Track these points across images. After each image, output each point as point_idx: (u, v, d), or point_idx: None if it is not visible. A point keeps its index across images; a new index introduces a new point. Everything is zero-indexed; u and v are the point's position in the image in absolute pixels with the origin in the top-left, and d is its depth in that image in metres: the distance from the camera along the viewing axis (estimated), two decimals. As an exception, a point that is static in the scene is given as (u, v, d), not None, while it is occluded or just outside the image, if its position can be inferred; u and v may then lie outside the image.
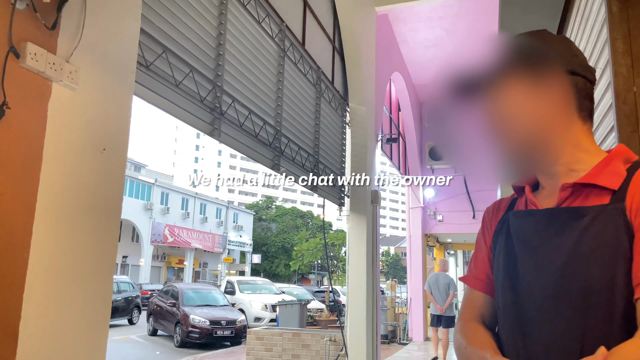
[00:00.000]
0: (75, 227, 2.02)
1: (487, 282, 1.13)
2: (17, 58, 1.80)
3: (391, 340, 12.05)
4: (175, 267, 41.40)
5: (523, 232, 1.03)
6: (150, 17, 2.91)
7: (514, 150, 1.01)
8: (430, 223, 12.90)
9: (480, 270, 1.16)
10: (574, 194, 0.98)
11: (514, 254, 1.03)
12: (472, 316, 1.13)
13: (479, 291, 1.15)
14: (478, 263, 1.17)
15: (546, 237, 0.98)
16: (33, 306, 1.83)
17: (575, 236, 0.93)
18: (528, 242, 1.01)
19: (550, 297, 0.94)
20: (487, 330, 1.08)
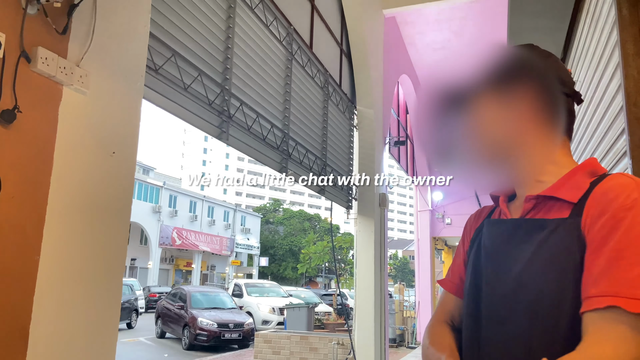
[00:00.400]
0: (85, 229, 2.04)
1: (460, 285, 1.17)
2: (29, 62, 1.82)
3: (399, 344, 12.00)
4: (183, 269, 41.53)
5: (491, 240, 1.07)
6: (159, 22, 2.93)
7: (486, 161, 1.03)
8: (438, 226, 12.85)
9: (455, 274, 1.20)
10: (537, 206, 1.02)
11: (480, 262, 1.07)
12: (441, 318, 1.17)
13: (450, 293, 1.19)
14: (454, 267, 1.22)
15: (509, 247, 1.02)
16: (43, 308, 1.85)
17: (533, 247, 0.96)
18: (493, 250, 1.05)
19: (505, 303, 0.97)
20: (451, 332, 1.11)
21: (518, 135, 1.02)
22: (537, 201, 1.01)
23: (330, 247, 35.67)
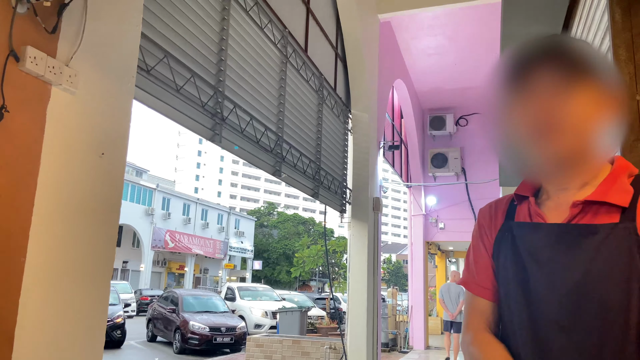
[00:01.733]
0: (72, 231, 2.01)
1: (493, 290, 1.12)
2: (17, 61, 1.80)
3: (392, 348, 11.97)
4: (175, 272, 41.33)
5: (532, 245, 1.03)
6: (151, 22, 2.91)
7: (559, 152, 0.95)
8: (432, 231, 12.86)
9: (484, 278, 1.14)
10: (583, 210, 0.99)
11: (523, 267, 1.03)
12: (482, 326, 1.12)
13: (485, 299, 1.13)
14: (480, 270, 1.15)
15: (556, 253, 0.98)
16: (29, 311, 1.82)
17: (589, 254, 0.94)
18: (537, 257, 1.01)
19: (566, 313, 0.95)
20: (500, 343, 1.07)
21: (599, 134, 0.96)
22: (583, 205, 0.98)
23: (323, 251, 35.62)
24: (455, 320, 9.81)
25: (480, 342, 1.09)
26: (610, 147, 0.99)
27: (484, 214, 1.19)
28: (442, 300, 10.09)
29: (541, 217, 1.04)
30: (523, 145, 0.98)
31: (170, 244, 36.71)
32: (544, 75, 0.96)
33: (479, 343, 1.09)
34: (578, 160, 0.98)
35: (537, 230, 1.03)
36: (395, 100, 11.26)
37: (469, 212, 12.38)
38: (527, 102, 0.97)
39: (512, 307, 1.05)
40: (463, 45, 9.44)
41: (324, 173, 5.95)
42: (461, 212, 12.50)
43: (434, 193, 12.84)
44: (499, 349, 1.05)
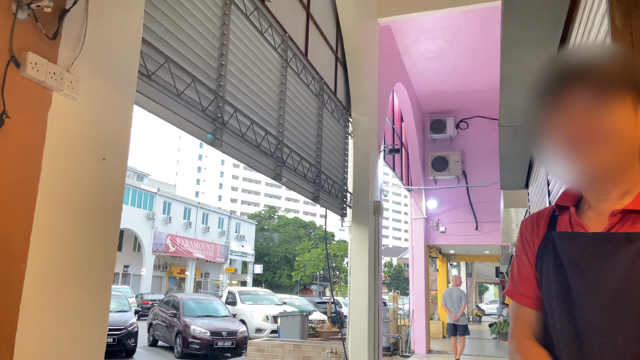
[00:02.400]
0: (73, 236, 2.01)
1: (537, 298, 1.16)
2: (18, 67, 1.80)
3: (393, 352, 11.94)
4: (176, 277, 41.29)
5: (573, 254, 1.07)
6: (152, 27, 2.92)
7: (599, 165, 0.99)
8: (433, 234, 12.85)
9: (528, 287, 1.18)
10: (622, 219, 1.03)
11: (564, 275, 1.07)
12: (526, 334, 1.16)
13: (529, 308, 1.17)
14: (524, 279, 1.19)
15: (597, 260, 1.03)
16: (30, 316, 1.81)
17: (628, 261, 0.98)
18: (578, 264, 1.05)
19: (607, 317, 0.99)
20: (543, 349, 1.11)
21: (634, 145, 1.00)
22: (622, 214, 1.02)
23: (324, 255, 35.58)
24: (459, 323, 10.14)
25: (524, 349, 1.13)
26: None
27: (526, 225, 1.23)
28: (445, 305, 10.42)
29: (582, 226, 1.09)
30: (565, 159, 1.02)
31: (171, 248, 36.69)
32: (579, 91, 1.00)
33: (523, 350, 1.13)
34: (617, 171, 1.01)
35: (578, 239, 1.08)
36: (396, 103, 11.27)
37: (470, 216, 12.37)
38: (566, 118, 1.01)
39: (555, 314, 1.09)
40: (463, 49, 9.46)
41: (324, 177, 5.95)
42: (462, 215, 12.49)
43: (435, 196, 12.83)
44: (542, 355, 1.10)
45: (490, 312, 34.08)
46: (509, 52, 2.89)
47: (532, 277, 1.17)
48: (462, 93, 11.52)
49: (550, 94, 1.04)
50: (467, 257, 18.56)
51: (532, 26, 2.62)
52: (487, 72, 10.13)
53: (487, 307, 37.00)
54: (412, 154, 12.38)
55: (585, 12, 2.38)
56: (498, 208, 11.01)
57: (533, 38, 2.72)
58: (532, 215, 1.24)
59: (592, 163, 0.98)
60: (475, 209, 12.30)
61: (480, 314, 29.86)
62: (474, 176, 12.34)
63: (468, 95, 11.59)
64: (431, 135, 12.50)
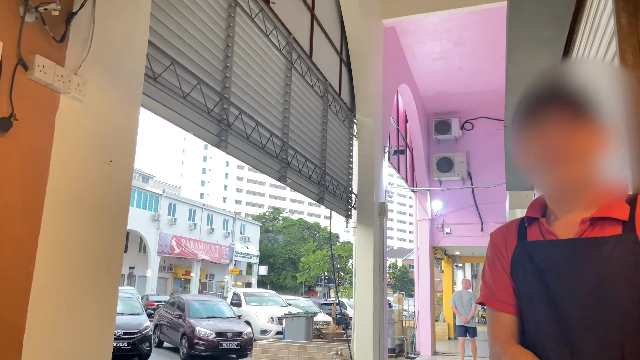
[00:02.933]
0: (81, 238, 2.02)
1: (513, 305, 1.25)
2: (26, 70, 1.81)
3: (399, 354, 11.91)
4: (182, 278, 41.37)
5: (549, 259, 1.17)
6: (158, 30, 2.94)
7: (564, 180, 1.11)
8: (438, 235, 12.81)
9: (505, 294, 1.26)
10: (591, 225, 1.14)
11: (543, 279, 1.17)
12: (507, 338, 1.24)
13: (508, 314, 1.26)
14: (501, 287, 1.28)
15: (573, 263, 1.13)
16: (38, 317, 1.82)
17: (601, 262, 1.10)
18: (556, 268, 1.15)
19: (589, 313, 1.10)
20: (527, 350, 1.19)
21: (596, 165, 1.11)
22: (591, 221, 1.14)
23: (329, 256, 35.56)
24: (469, 325, 10.41)
25: (511, 351, 1.21)
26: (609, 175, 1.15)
27: (497, 237, 1.33)
28: (455, 307, 10.64)
29: (553, 234, 1.19)
30: (537, 174, 1.15)
31: (177, 250, 36.77)
32: (551, 114, 1.12)
33: (510, 352, 1.21)
34: (582, 186, 1.14)
35: (552, 246, 1.18)
36: (400, 104, 11.26)
37: (476, 217, 12.33)
38: (537, 137, 1.13)
39: (538, 315, 1.18)
40: (468, 49, 9.44)
41: (329, 178, 5.95)
42: (467, 216, 12.45)
43: (440, 197, 12.80)
44: (529, 355, 1.17)
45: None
46: (514, 53, 2.89)
47: (508, 285, 1.26)
48: (467, 94, 11.50)
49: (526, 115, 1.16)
50: (472, 259, 18.50)
51: (537, 27, 2.62)
52: (492, 73, 10.11)
53: (492, 309, 36.81)
54: (416, 155, 12.36)
55: (591, 13, 2.37)
56: (503, 209, 10.97)
57: (539, 38, 2.72)
58: (501, 228, 1.34)
59: (560, 178, 1.11)
60: (480, 210, 12.27)
61: (485, 315, 29.75)
62: (479, 177, 12.31)
63: (473, 96, 11.56)
64: (436, 136, 12.48)
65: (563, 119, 1.10)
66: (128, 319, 10.94)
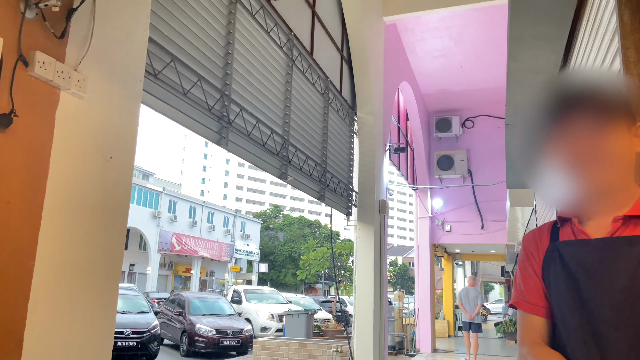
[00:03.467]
0: (81, 235, 2.02)
1: (543, 307, 1.24)
2: (26, 66, 1.81)
3: (399, 351, 11.93)
4: (182, 275, 41.40)
5: (579, 258, 1.16)
6: (159, 27, 2.93)
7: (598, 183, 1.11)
8: (438, 233, 12.82)
9: (535, 297, 1.26)
10: (624, 224, 1.14)
11: (574, 279, 1.16)
12: (536, 339, 1.23)
13: (538, 316, 1.25)
14: (531, 289, 1.27)
15: (604, 263, 1.12)
16: (38, 314, 1.82)
17: (633, 261, 1.09)
18: (587, 268, 1.14)
19: (619, 314, 1.08)
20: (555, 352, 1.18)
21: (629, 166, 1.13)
22: (623, 220, 1.13)
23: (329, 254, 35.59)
24: (474, 321, 10.68)
25: (537, 353, 1.20)
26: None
27: (528, 240, 1.32)
28: (461, 303, 10.88)
29: (585, 234, 1.18)
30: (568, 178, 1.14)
31: (177, 247, 36.80)
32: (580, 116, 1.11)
33: (537, 354, 1.20)
34: (616, 187, 1.14)
35: (584, 245, 1.17)
36: (401, 102, 11.25)
37: (476, 215, 12.33)
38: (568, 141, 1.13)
39: (567, 315, 1.17)
40: (469, 47, 9.42)
41: (329, 176, 5.94)
42: (468, 214, 12.45)
43: (440, 195, 12.80)
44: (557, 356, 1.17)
45: (496, 312, 33.98)
46: (516, 50, 2.88)
47: (539, 287, 1.25)
48: (468, 91, 11.48)
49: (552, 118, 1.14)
50: (472, 257, 18.51)
51: (539, 24, 2.61)
52: (494, 71, 10.09)
53: (492, 307, 36.87)
54: (417, 153, 12.35)
55: (593, 10, 2.36)
56: (504, 207, 10.97)
57: (540, 36, 2.71)
58: (534, 230, 1.33)
59: (594, 180, 1.11)
60: (480, 208, 12.27)
61: (485, 313, 29.77)
62: (479, 175, 12.31)
63: (474, 93, 11.55)
64: (437, 134, 12.47)
65: (594, 121, 1.10)
66: (136, 318, 10.66)
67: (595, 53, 2.32)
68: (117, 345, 9.69)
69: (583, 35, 2.62)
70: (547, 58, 2.91)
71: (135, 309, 11.28)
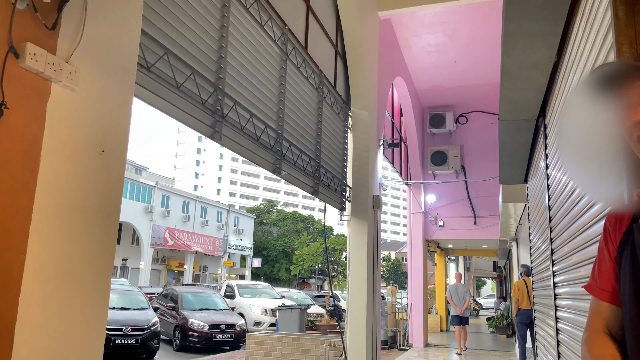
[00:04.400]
0: (73, 228, 2.00)
1: (614, 293, 1.14)
2: (17, 58, 1.79)
3: (391, 346, 11.99)
4: (175, 270, 41.33)
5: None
6: (151, 19, 2.90)
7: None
8: (431, 229, 12.86)
9: (606, 281, 1.16)
10: None
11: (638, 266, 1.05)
12: (598, 328, 1.15)
13: (605, 302, 1.15)
14: (603, 274, 1.17)
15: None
16: (29, 308, 1.81)
17: None
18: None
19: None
20: (614, 344, 1.09)
21: None
22: None
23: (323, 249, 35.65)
24: (463, 315, 11.32)
25: (592, 344, 1.13)
26: None
27: (610, 220, 1.20)
28: (451, 298, 11.49)
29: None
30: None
31: (170, 242, 36.70)
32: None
33: (591, 345, 1.13)
34: None
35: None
36: (395, 97, 11.25)
37: (469, 210, 12.39)
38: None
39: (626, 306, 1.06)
40: (463, 43, 9.43)
41: (323, 171, 5.94)
42: (461, 209, 12.50)
43: (434, 191, 12.84)
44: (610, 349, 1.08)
45: (488, 306, 34.23)
46: (510, 46, 2.88)
47: (612, 272, 1.15)
48: (461, 87, 11.50)
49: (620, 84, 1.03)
50: (465, 252, 18.61)
51: (533, 20, 2.61)
52: (487, 67, 10.11)
53: (484, 301, 37.15)
54: (411, 149, 12.37)
55: (587, 5, 2.37)
56: (496, 203, 11.02)
57: (534, 32, 2.71)
58: (614, 213, 1.21)
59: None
60: (473, 204, 12.32)
61: (477, 308, 29.98)
62: (472, 171, 12.35)
63: (468, 89, 11.57)
64: (430, 130, 12.49)
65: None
66: (135, 314, 10.40)
67: (589, 48, 2.32)
68: (115, 343, 9.56)
69: (577, 31, 2.62)
70: (541, 53, 2.92)
71: (133, 305, 11.04)
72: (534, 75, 3.21)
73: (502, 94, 3.61)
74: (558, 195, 3.46)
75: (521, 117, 3.96)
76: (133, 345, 9.80)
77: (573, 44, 2.71)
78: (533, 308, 6.19)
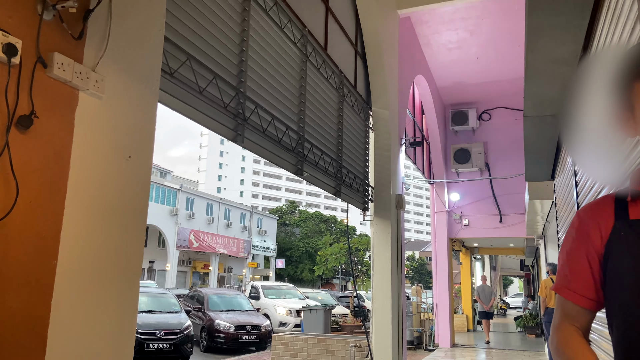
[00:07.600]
0: (102, 233, 2.04)
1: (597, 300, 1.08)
2: (45, 68, 1.83)
3: (417, 346, 11.89)
4: (200, 271, 41.83)
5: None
6: (174, 25, 2.94)
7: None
8: (455, 227, 12.71)
9: (581, 284, 1.10)
10: None
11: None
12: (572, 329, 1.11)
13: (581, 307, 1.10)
14: (580, 278, 1.10)
15: None
16: (61, 312, 1.85)
17: None
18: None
19: None
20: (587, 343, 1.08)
21: None
22: None
23: (346, 249, 35.59)
24: (490, 311, 13.64)
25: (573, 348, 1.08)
26: None
27: (586, 217, 1.12)
28: (479, 297, 13.87)
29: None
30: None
31: (195, 244, 37.17)
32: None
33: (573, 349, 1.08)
34: None
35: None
36: (416, 96, 11.16)
37: (494, 208, 12.20)
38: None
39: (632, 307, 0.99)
40: (485, 39, 9.30)
41: (345, 171, 5.93)
42: (486, 208, 12.33)
43: (457, 189, 12.69)
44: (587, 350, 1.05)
45: (515, 305, 33.66)
46: (534, 41, 2.83)
47: (588, 274, 1.08)
48: (484, 84, 11.34)
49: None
50: (491, 250, 18.32)
51: (558, 13, 2.56)
52: (510, 62, 9.95)
53: (511, 301, 36.54)
54: (433, 147, 12.25)
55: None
56: (522, 200, 10.83)
57: (559, 26, 2.66)
58: (591, 205, 1.13)
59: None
60: (498, 201, 12.13)
61: (505, 307, 29.49)
62: (497, 168, 12.17)
63: (490, 85, 11.40)
64: (453, 127, 12.35)
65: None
66: (167, 318, 10.22)
67: (616, 42, 2.27)
68: (149, 348, 9.45)
69: (603, 24, 2.56)
70: (566, 48, 2.86)
71: (165, 308, 10.85)
72: (559, 70, 3.15)
73: (526, 90, 3.55)
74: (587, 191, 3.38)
75: (547, 113, 3.89)
76: (167, 349, 9.59)
77: (599, 37, 2.65)
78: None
